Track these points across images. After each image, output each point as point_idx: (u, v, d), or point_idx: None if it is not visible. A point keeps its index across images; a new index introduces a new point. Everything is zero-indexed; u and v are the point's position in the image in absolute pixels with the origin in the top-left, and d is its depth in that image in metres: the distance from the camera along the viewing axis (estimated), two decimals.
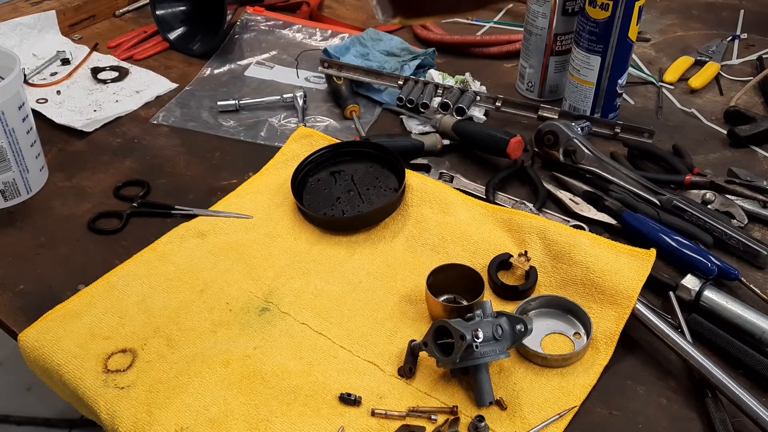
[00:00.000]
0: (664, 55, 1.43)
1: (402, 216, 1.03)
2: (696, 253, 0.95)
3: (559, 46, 1.24)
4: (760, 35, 1.48)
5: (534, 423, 0.79)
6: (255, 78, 1.36)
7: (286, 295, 0.93)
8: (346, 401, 0.80)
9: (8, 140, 1.02)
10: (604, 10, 1.11)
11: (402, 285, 0.95)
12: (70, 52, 1.39)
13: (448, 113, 1.19)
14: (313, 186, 1.08)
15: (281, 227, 1.03)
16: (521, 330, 0.82)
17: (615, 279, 0.89)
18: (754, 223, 1.04)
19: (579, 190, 1.08)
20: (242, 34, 1.47)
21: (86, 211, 1.07)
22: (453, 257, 0.97)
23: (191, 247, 0.99)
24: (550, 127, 1.11)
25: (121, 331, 0.88)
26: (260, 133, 1.22)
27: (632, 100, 1.30)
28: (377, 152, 1.10)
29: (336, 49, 1.35)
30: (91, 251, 1.00)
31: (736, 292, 0.93)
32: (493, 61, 1.41)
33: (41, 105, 1.26)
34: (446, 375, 0.83)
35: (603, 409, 0.81)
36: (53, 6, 1.47)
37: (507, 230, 0.99)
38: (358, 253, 0.99)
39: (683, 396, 0.83)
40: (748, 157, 1.17)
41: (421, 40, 1.46)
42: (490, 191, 1.07)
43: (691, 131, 1.23)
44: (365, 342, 0.87)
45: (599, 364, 0.85)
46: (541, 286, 0.93)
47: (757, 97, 1.31)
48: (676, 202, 1.03)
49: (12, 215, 1.06)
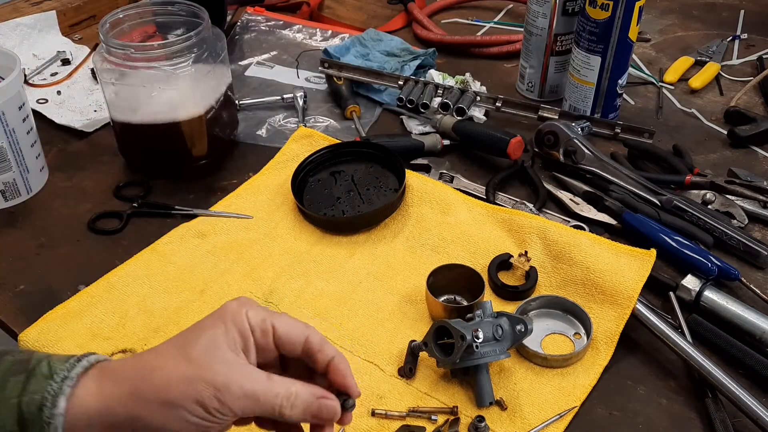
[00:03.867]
0: (664, 55, 1.43)
1: (402, 216, 1.03)
2: (696, 253, 0.95)
3: (559, 46, 1.24)
4: (760, 35, 1.48)
5: (534, 423, 0.79)
6: (255, 78, 1.36)
7: (287, 295, 0.93)
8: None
9: (8, 140, 1.02)
10: (605, 10, 1.11)
11: (402, 285, 0.95)
12: (71, 52, 1.39)
13: (449, 113, 1.19)
14: (314, 186, 1.08)
15: (281, 227, 1.03)
16: (521, 330, 0.82)
17: (615, 279, 0.89)
18: (754, 223, 1.04)
19: (579, 191, 1.08)
20: (242, 35, 1.48)
21: (86, 211, 1.07)
22: (453, 257, 0.97)
23: (191, 247, 0.99)
24: (550, 127, 1.11)
25: (122, 331, 0.88)
26: (260, 134, 1.22)
27: (632, 100, 1.30)
28: (377, 152, 1.10)
29: (336, 49, 1.35)
30: (91, 251, 1.00)
31: (737, 293, 0.93)
32: (493, 61, 1.41)
33: (41, 105, 1.26)
34: (446, 375, 0.83)
35: (603, 410, 0.81)
36: (53, 6, 1.47)
37: (507, 230, 0.99)
38: (358, 254, 0.99)
39: (683, 396, 0.83)
40: (748, 157, 1.17)
41: (422, 41, 1.46)
42: (490, 191, 1.07)
43: (691, 131, 1.23)
44: (365, 342, 0.87)
45: (599, 364, 0.85)
46: (541, 287, 0.93)
47: (758, 98, 1.31)
48: (677, 202, 1.03)
49: (12, 215, 1.06)
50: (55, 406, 0.53)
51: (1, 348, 0.59)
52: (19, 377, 0.55)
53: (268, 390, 0.56)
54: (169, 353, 0.56)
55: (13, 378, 0.55)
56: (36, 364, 0.56)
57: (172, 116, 1.05)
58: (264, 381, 0.57)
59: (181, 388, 0.54)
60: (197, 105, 1.06)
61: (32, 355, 0.58)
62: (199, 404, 0.54)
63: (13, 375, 0.56)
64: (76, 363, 0.56)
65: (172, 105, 1.04)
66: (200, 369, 0.54)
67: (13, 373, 0.56)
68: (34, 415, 0.54)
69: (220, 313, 0.58)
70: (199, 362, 0.55)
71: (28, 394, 0.54)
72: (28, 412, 0.54)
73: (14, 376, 0.55)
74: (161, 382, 0.54)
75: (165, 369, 0.55)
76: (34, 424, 0.54)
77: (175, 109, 1.05)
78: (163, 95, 1.03)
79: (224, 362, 0.55)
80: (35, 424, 0.54)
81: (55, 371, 0.55)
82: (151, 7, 1.10)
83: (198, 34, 1.02)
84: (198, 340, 0.56)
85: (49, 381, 0.54)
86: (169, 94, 1.03)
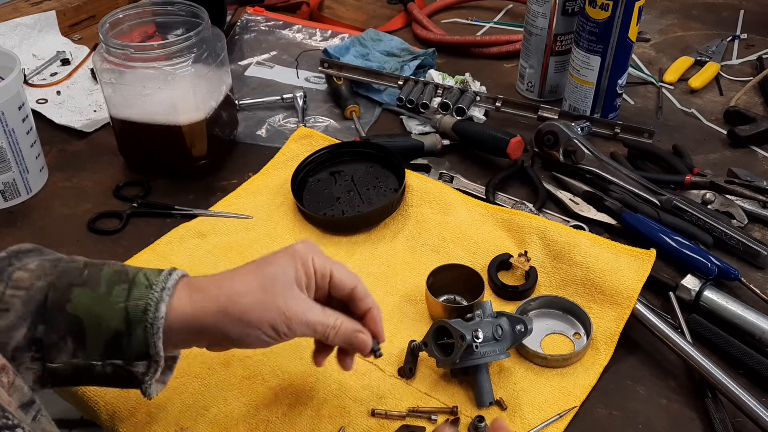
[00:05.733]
0: (664, 55, 1.43)
1: (402, 216, 1.03)
2: (696, 253, 0.95)
3: (559, 46, 1.24)
4: (760, 35, 1.48)
5: (534, 423, 0.79)
6: (255, 78, 1.36)
7: None
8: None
9: (8, 140, 1.02)
10: (604, 10, 1.11)
11: (402, 285, 0.95)
12: (70, 52, 1.39)
13: (448, 113, 1.19)
14: (313, 186, 1.08)
15: (281, 227, 1.03)
16: (521, 330, 0.82)
17: (615, 279, 0.89)
18: (754, 223, 1.04)
19: (579, 190, 1.08)
20: (242, 35, 1.48)
21: (86, 211, 1.07)
22: (453, 257, 0.97)
23: (191, 247, 0.99)
24: (550, 127, 1.11)
25: None
26: (260, 134, 1.22)
27: (632, 100, 1.30)
28: (377, 152, 1.10)
29: (336, 49, 1.35)
30: (91, 251, 1.00)
31: (736, 293, 0.93)
32: (493, 61, 1.41)
33: (41, 105, 1.26)
34: (446, 375, 0.83)
35: (603, 409, 0.81)
36: (53, 6, 1.47)
37: (507, 230, 0.99)
38: (358, 253, 0.99)
39: (683, 396, 0.83)
40: (748, 157, 1.17)
41: (421, 40, 1.46)
42: (490, 191, 1.07)
43: (691, 131, 1.23)
44: None
45: (599, 364, 0.85)
46: (541, 287, 0.93)
47: (757, 97, 1.31)
48: (676, 202, 1.03)
49: (12, 215, 1.06)
50: (157, 310, 0.64)
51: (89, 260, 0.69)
52: (123, 285, 0.66)
53: (323, 320, 0.71)
54: (252, 282, 0.68)
55: (117, 286, 0.66)
56: (134, 275, 0.67)
57: (172, 116, 1.05)
58: (320, 313, 0.71)
59: (260, 314, 0.67)
60: (197, 105, 1.06)
61: (126, 268, 0.68)
62: (272, 327, 0.68)
63: (117, 283, 0.66)
64: (168, 276, 0.67)
65: (172, 105, 1.04)
66: (276, 300, 0.68)
67: (116, 282, 0.66)
68: (139, 317, 0.64)
69: (292, 253, 0.71)
70: (275, 294, 0.68)
71: (134, 300, 0.65)
72: (134, 315, 0.64)
73: (118, 284, 0.66)
74: (245, 307, 0.67)
75: (248, 296, 0.67)
76: (138, 324, 0.64)
77: (175, 109, 1.04)
78: (163, 95, 1.03)
79: (293, 297, 0.69)
80: (140, 324, 0.64)
81: (153, 282, 0.66)
82: (151, 7, 1.10)
83: (198, 34, 1.02)
84: (275, 275, 0.69)
85: (150, 290, 0.65)
86: (168, 94, 1.03)
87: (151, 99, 1.04)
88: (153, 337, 0.64)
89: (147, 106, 1.05)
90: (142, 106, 1.05)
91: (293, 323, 0.68)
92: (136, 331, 0.64)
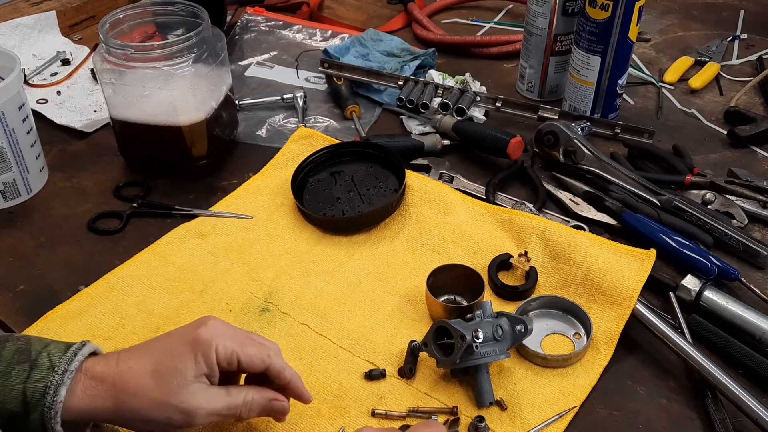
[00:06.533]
0: (664, 55, 1.43)
1: (402, 216, 1.03)
2: (696, 253, 0.95)
3: (559, 46, 1.24)
4: (760, 35, 1.48)
5: (534, 423, 0.79)
6: (255, 78, 1.36)
7: (286, 295, 0.93)
8: (372, 377, 0.83)
9: (8, 141, 1.02)
10: (604, 10, 1.11)
11: (402, 285, 0.95)
12: (71, 52, 1.39)
13: (448, 113, 1.19)
14: (313, 186, 1.08)
15: (281, 227, 1.03)
16: (521, 330, 0.82)
17: (615, 279, 0.89)
18: (754, 223, 1.04)
19: (579, 191, 1.08)
20: (242, 35, 1.48)
21: (86, 211, 1.07)
22: (453, 257, 0.97)
23: (191, 247, 0.99)
24: (550, 127, 1.11)
25: (122, 331, 0.88)
26: (260, 134, 1.22)
27: (632, 100, 1.30)
28: (377, 152, 1.10)
29: (336, 49, 1.35)
30: (91, 251, 1.00)
31: (736, 293, 0.93)
32: (493, 61, 1.41)
33: (41, 105, 1.26)
34: (446, 375, 0.83)
35: (603, 410, 0.81)
36: (53, 6, 1.47)
37: (507, 230, 0.99)
38: (358, 254, 0.99)
39: (683, 396, 0.83)
40: (748, 157, 1.17)
41: (421, 41, 1.46)
42: (490, 191, 1.07)
43: (691, 131, 1.23)
44: (365, 342, 0.87)
45: (599, 364, 0.85)
46: (541, 287, 0.93)
47: (757, 98, 1.31)
48: (676, 202, 1.03)
49: (12, 215, 1.06)
50: (57, 394, 0.64)
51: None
52: (23, 366, 0.65)
53: (228, 404, 0.69)
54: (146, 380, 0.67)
55: (18, 366, 0.65)
56: (37, 355, 0.66)
57: (172, 116, 1.05)
58: (224, 398, 0.69)
59: (153, 413, 0.67)
60: (197, 105, 1.06)
61: (31, 345, 0.68)
62: (169, 423, 0.67)
63: (17, 363, 0.66)
64: (72, 357, 0.66)
65: (172, 105, 1.04)
66: (169, 398, 0.67)
67: (17, 362, 0.66)
68: (36, 400, 0.64)
69: (194, 343, 0.68)
70: (168, 392, 0.67)
71: (33, 382, 0.65)
72: (31, 398, 0.64)
73: (19, 364, 0.65)
74: (136, 407, 0.67)
75: (139, 396, 0.66)
76: (35, 408, 0.64)
77: (175, 109, 1.04)
78: (163, 95, 1.03)
79: (189, 393, 0.67)
80: (36, 409, 0.64)
81: (55, 363, 0.65)
82: (151, 7, 1.10)
83: (198, 34, 1.02)
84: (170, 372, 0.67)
85: (51, 372, 0.65)
86: (168, 94, 1.03)
87: (151, 99, 1.04)
88: (50, 422, 0.64)
89: (147, 107, 1.05)
90: (142, 106, 1.05)
91: (194, 417, 0.67)
92: (33, 414, 0.64)
